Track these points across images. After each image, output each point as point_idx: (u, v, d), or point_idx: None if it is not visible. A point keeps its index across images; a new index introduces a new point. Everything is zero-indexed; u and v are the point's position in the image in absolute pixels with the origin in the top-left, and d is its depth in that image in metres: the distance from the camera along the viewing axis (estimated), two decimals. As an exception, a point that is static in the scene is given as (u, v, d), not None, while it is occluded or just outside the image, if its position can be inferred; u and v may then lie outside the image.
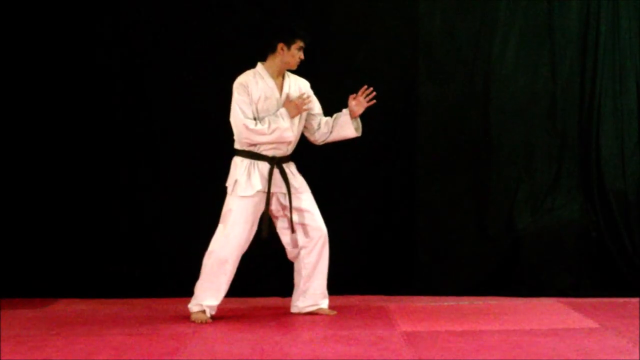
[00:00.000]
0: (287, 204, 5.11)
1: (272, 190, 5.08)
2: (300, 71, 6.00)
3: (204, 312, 5.04)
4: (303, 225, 5.16)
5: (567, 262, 5.99)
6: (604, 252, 5.99)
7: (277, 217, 5.20)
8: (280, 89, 5.12)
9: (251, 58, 5.94)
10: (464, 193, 6.06)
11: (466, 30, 6.07)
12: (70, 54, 5.98)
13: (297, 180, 5.18)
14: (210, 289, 5.03)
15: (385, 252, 5.98)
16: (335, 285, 5.90)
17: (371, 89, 5.16)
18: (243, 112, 5.01)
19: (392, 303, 5.63)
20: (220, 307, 5.52)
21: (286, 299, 5.56)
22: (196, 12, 6.00)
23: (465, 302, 5.64)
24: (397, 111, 6.00)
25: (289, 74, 5.20)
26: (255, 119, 5.02)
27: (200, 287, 5.07)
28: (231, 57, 5.94)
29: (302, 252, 5.18)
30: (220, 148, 5.96)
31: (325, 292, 5.24)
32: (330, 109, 5.55)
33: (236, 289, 5.90)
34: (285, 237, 5.22)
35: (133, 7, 5.99)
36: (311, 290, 5.20)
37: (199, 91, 5.98)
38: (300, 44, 5.07)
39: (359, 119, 5.20)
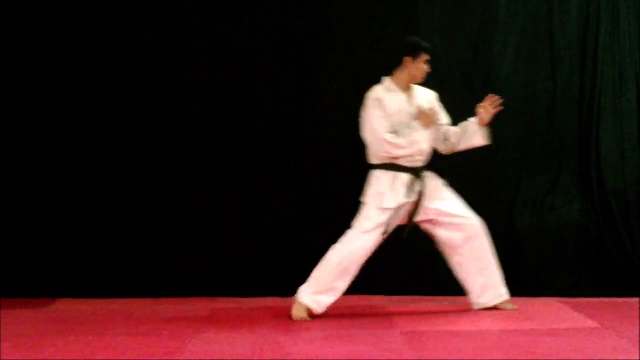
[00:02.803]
0: (433, 212, 5.17)
1: (416, 200, 5.13)
2: (299, 71, 6.02)
3: (313, 308, 5.06)
4: (456, 225, 5.21)
5: (567, 262, 5.99)
6: (604, 252, 6.00)
7: (428, 226, 5.26)
8: (410, 101, 5.17)
9: (250, 58, 5.99)
10: (463, 193, 6.05)
11: (466, 30, 6.07)
12: (70, 53, 5.98)
13: (438, 186, 5.24)
14: (331, 288, 5.07)
15: (385, 252, 5.97)
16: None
17: (497, 97, 5.24)
18: (381, 127, 5.06)
19: (392, 303, 5.63)
20: (220, 307, 5.53)
21: (286, 299, 5.56)
22: (196, 11, 5.99)
23: (465, 302, 5.64)
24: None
25: (415, 86, 5.26)
26: (390, 132, 5.08)
27: (319, 281, 5.08)
28: (231, 57, 5.96)
29: (465, 251, 5.22)
30: (220, 148, 5.99)
31: (502, 281, 5.30)
32: (330, 109, 5.57)
33: (236, 289, 5.93)
34: (441, 243, 5.29)
35: (133, 7, 5.99)
36: (490, 283, 5.26)
37: (199, 91, 5.98)
38: (426, 56, 5.15)
39: (486, 127, 5.27)
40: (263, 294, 5.87)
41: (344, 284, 5.11)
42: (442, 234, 5.27)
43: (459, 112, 6.05)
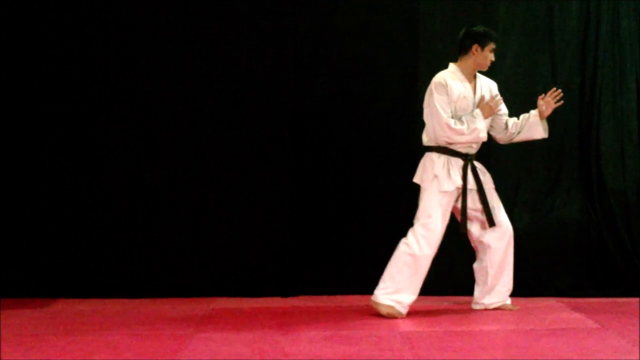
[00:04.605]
0: (477, 200, 5.21)
1: (468, 186, 5.18)
2: (300, 71, 6.02)
3: (396, 307, 5.06)
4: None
5: (567, 262, 5.99)
6: (604, 252, 5.99)
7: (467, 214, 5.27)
8: (474, 89, 5.23)
9: (251, 59, 5.99)
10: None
11: (466, 30, 6.07)
12: (69, 53, 5.97)
13: (486, 177, 5.31)
14: (409, 285, 5.08)
15: (385, 252, 5.97)
16: (336, 285, 5.93)
17: (559, 90, 5.31)
18: (445, 112, 5.10)
19: (392, 303, 5.62)
20: (220, 307, 5.53)
21: (286, 299, 5.57)
22: (196, 11, 5.99)
23: (465, 302, 5.64)
24: (397, 111, 6.00)
25: (479, 75, 5.32)
26: (452, 118, 5.12)
27: (395, 280, 5.08)
28: (231, 56, 5.96)
29: (489, 249, 5.24)
30: (221, 147, 5.99)
31: (511, 288, 5.33)
32: (330, 109, 5.58)
33: (237, 289, 5.93)
34: (473, 234, 5.30)
35: (133, 6, 5.99)
36: (498, 287, 5.28)
37: (199, 91, 5.98)
38: (492, 45, 5.22)
39: (545, 121, 5.33)
40: (263, 294, 5.87)
41: (420, 279, 5.12)
42: (474, 230, 5.29)
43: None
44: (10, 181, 5.97)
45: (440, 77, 5.20)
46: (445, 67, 6.07)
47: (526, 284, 5.88)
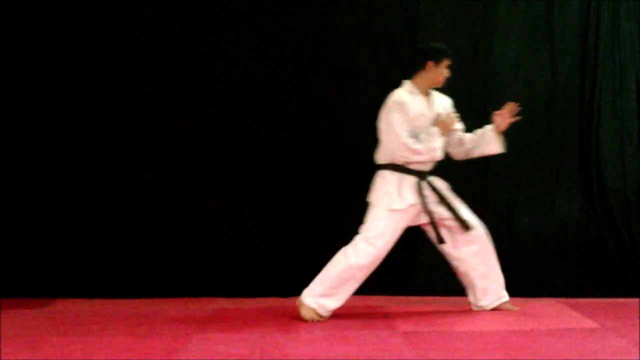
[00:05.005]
0: (443, 211, 5.16)
1: (429, 201, 5.13)
2: (300, 71, 6.02)
3: (317, 310, 5.03)
4: (459, 229, 5.21)
5: (567, 262, 5.99)
6: (604, 252, 6.00)
7: (430, 228, 5.24)
8: (430, 106, 5.20)
9: (251, 59, 5.99)
10: (463, 193, 6.06)
11: (466, 30, 6.07)
12: (69, 53, 5.97)
13: (443, 185, 5.25)
14: (336, 292, 5.04)
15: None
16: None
17: (516, 105, 5.25)
18: (403, 131, 5.06)
19: (392, 303, 5.63)
20: (220, 307, 5.53)
21: (286, 299, 5.56)
22: (196, 11, 5.99)
23: (465, 302, 5.64)
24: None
25: (433, 91, 5.28)
26: (410, 136, 5.08)
27: (324, 285, 5.05)
28: (231, 56, 5.96)
29: (467, 254, 5.22)
30: (221, 147, 5.98)
31: (503, 282, 5.31)
32: (330, 109, 5.58)
33: (236, 289, 5.93)
34: (450, 252, 5.27)
35: (133, 6, 5.99)
36: (491, 286, 5.26)
37: (199, 91, 5.97)
38: (447, 62, 5.18)
39: (502, 135, 5.28)
40: (263, 294, 5.88)
41: (350, 289, 5.09)
42: (447, 249, 5.27)
43: (459, 112, 6.06)
44: (10, 181, 5.97)
45: (397, 95, 5.14)
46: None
47: (526, 284, 5.89)
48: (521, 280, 5.91)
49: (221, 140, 5.98)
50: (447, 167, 6.03)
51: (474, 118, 6.07)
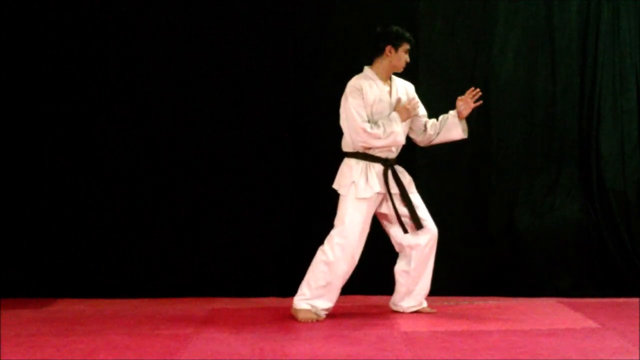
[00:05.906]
0: (400, 204, 5.11)
1: (392, 191, 5.09)
2: (300, 71, 6.02)
3: (313, 311, 5.02)
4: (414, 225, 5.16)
5: (567, 262, 5.99)
6: (604, 252, 5.99)
7: (388, 218, 5.20)
8: (390, 92, 5.15)
9: (251, 59, 5.99)
10: (464, 193, 6.07)
11: (466, 30, 6.08)
12: (69, 53, 5.97)
13: (407, 180, 5.20)
14: (324, 292, 5.02)
15: (386, 252, 5.97)
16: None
17: (478, 90, 5.18)
18: (360, 116, 5.01)
19: (392, 303, 5.63)
20: (220, 307, 5.53)
21: (286, 299, 5.56)
22: (196, 11, 5.99)
23: (465, 302, 5.64)
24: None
25: (394, 77, 5.23)
26: (369, 122, 5.02)
27: (311, 288, 5.03)
28: (231, 56, 5.96)
29: (412, 252, 5.17)
30: (221, 147, 5.99)
31: (428, 291, 5.26)
32: (330, 109, 5.54)
33: (236, 289, 5.93)
34: (395, 237, 5.21)
35: (133, 6, 5.99)
36: (417, 290, 5.22)
37: (199, 91, 5.98)
38: (407, 46, 5.11)
39: (465, 121, 5.23)
40: (263, 294, 5.88)
41: (336, 286, 5.06)
42: (396, 232, 5.20)
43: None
44: (10, 181, 5.97)
45: (354, 81, 5.10)
46: (445, 67, 6.09)
47: (526, 284, 5.89)
48: (521, 280, 5.92)
49: (221, 140, 5.98)
50: (447, 167, 6.05)
51: (473, 118, 6.07)
